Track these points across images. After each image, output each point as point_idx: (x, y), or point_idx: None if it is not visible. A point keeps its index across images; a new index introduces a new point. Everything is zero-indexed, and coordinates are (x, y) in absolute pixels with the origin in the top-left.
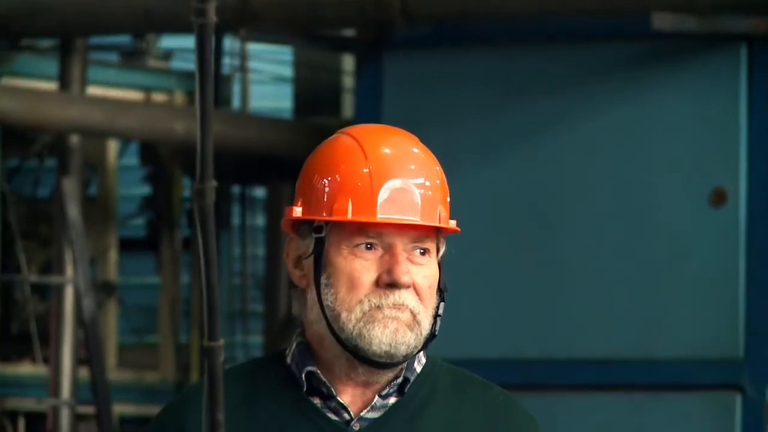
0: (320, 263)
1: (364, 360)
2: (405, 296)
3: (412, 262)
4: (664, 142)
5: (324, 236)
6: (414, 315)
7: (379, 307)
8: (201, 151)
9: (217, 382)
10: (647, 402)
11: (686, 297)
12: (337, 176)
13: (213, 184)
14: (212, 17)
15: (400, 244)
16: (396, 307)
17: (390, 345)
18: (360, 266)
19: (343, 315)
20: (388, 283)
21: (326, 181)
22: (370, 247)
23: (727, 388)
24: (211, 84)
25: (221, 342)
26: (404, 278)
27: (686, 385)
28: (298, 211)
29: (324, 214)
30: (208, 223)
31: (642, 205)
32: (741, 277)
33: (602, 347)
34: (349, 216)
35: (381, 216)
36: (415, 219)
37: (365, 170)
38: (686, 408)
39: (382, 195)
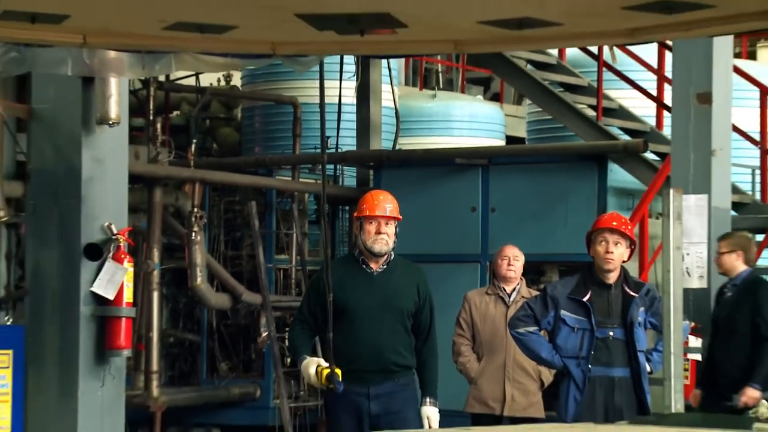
0: (361, 228)
1: (374, 254)
2: (383, 236)
3: (385, 226)
4: (461, 202)
5: (362, 221)
6: (388, 241)
7: (376, 240)
8: (324, 194)
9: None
10: (452, 269)
11: (466, 239)
12: (366, 204)
13: (326, 207)
14: (325, 162)
15: (383, 222)
16: (381, 239)
17: (380, 250)
18: (372, 228)
19: (367, 241)
20: (378, 232)
21: (363, 205)
22: (372, 222)
23: (475, 262)
24: (325, 182)
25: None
26: (383, 230)
27: (465, 260)
28: (355, 215)
29: (363, 214)
30: (325, 223)
31: (458, 216)
32: (480, 231)
33: (443, 248)
34: (367, 214)
35: (377, 213)
36: (386, 214)
37: (374, 201)
38: (466, 271)
39: (378, 206)
